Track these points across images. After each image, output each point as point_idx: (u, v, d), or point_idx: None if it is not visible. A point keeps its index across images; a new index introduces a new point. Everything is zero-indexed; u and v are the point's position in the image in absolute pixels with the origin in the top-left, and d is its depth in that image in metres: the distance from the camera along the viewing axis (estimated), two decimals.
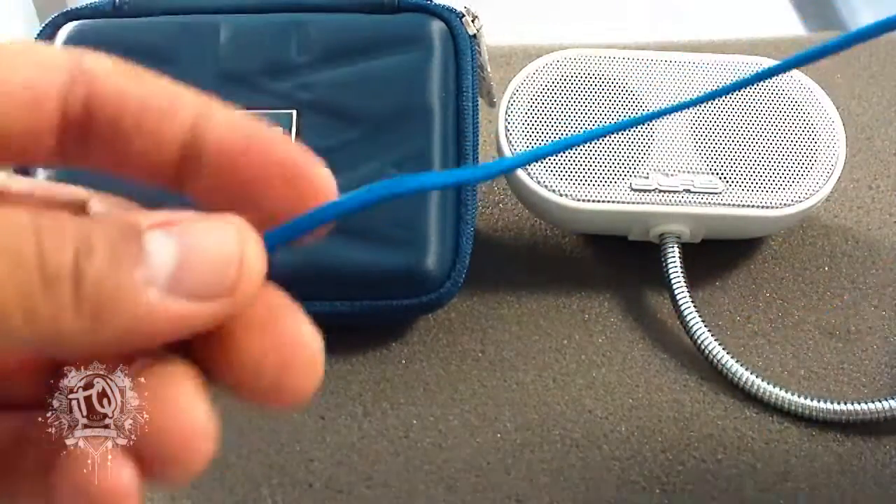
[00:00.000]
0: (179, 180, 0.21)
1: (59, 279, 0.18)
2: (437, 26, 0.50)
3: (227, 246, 0.20)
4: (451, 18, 0.51)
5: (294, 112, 0.48)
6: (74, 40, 0.50)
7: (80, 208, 0.23)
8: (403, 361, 0.48)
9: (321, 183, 0.22)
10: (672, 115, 0.49)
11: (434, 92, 0.49)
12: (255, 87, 0.49)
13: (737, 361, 0.47)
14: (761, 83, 0.50)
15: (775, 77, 0.50)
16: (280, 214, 0.21)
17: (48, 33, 0.51)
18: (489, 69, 0.51)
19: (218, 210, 0.21)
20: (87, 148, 0.21)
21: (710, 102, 0.49)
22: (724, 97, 0.49)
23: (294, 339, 0.21)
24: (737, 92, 0.50)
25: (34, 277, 0.18)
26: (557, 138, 0.48)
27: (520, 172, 0.48)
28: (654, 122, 0.49)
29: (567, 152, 0.48)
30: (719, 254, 0.51)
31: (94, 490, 0.20)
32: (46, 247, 0.18)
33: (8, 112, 0.20)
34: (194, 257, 0.20)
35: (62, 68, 0.21)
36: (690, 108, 0.49)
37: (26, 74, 0.20)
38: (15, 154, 0.21)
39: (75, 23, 0.51)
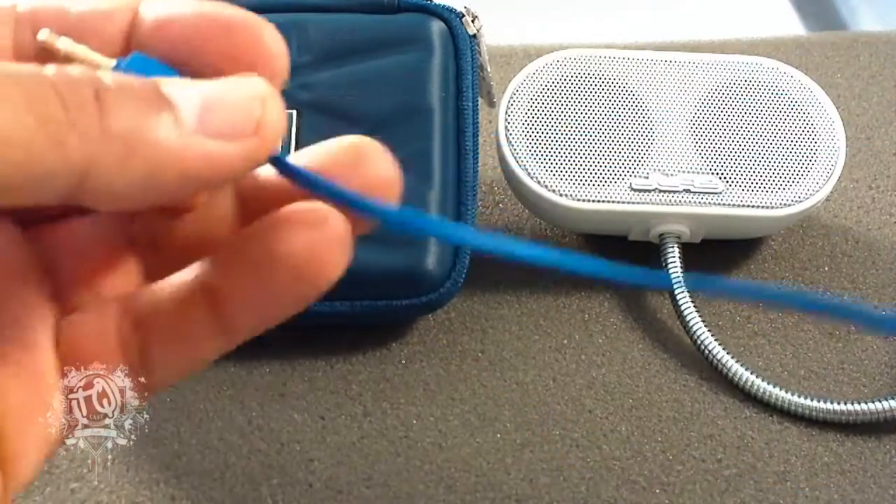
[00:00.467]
0: None
1: (82, 108, 0.19)
2: (437, 26, 0.50)
3: (249, 87, 0.21)
4: (451, 18, 0.50)
5: (294, 112, 0.48)
6: None
7: None
8: (403, 361, 0.48)
9: (255, 29, 0.23)
10: (672, 114, 0.49)
11: (434, 92, 0.49)
12: None
13: (737, 361, 0.47)
14: (761, 82, 0.50)
15: (775, 77, 0.50)
16: (226, 69, 0.22)
17: None
18: (489, 69, 0.51)
19: None
20: None
21: (709, 103, 0.49)
22: (722, 97, 0.49)
23: None
24: (735, 92, 0.50)
25: (59, 114, 0.19)
26: (557, 138, 0.48)
27: (519, 172, 0.48)
28: (653, 121, 0.49)
29: (567, 152, 0.48)
30: (719, 254, 0.51)
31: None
32: (64, 89, 0.19)
33: None
34: (219, 98, 0.21)
35: (7, 20, 0.22)
36: (690, 109, 0.49)
37: None
38: None
39: None
